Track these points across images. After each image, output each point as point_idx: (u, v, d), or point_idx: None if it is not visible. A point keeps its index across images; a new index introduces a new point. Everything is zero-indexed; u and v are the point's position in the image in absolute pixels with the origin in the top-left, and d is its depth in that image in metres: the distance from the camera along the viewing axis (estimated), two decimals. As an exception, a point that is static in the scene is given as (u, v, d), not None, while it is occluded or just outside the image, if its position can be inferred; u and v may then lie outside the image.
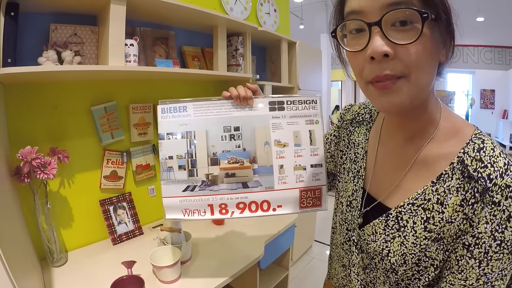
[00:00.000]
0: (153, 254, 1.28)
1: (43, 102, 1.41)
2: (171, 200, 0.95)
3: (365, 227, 0.70)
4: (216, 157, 0.96)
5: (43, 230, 1.33)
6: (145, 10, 1.53)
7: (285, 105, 0.96)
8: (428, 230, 0.59)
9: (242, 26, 1.98)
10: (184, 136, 0.95)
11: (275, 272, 2.03)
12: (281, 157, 0.95)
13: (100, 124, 1.57)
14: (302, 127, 0.96)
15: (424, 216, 0.59)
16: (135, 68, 1.43)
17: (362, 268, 0.73)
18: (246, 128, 0.95)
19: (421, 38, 0.50)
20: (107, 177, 1.63)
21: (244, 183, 0.95)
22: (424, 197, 0.60)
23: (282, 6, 2.83)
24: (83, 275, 1.32)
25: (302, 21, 8.11)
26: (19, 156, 1.19)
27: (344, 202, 0.79)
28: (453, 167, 0.57)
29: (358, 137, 0.81)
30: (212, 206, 0.95)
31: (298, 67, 2.68)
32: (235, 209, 0.95)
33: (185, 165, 0.95)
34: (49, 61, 1.29)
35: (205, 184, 0.95)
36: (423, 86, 0.55)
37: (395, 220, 0.64)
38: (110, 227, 1.60)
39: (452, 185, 0.57)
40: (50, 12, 1.38)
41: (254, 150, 0.95)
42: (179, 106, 0.96)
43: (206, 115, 0.96)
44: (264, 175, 0.95)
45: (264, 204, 0.95)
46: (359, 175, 0.76)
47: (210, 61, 2.04)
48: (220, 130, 0.95)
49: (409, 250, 0.61)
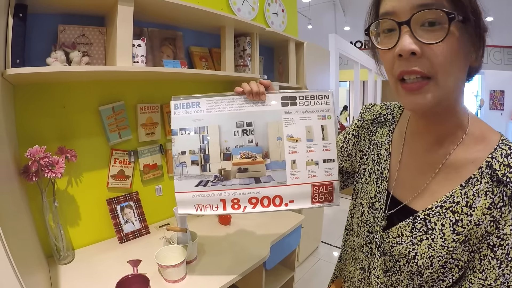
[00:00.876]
0: (159, 253, 1.29)
1: (52, 101, 1.42)
2: (184, 195, 0.96)
3: (390, 229, 0.70)
4: (229, 152, 0.96)
5: (50, 228, 1.35)
6: (152, 11, 1.53)
7: (298, 100, 0.97)
8: (456, 232, 0.59)
9: (249, 26, 1.97)
10: (197, 131, 0.96)
11: (280, 273, 2.02)
12: (293, 152, 0.95)
13: (108, 124, 1.58)
14: (314, 122, 0.96)
15: (453, 218, 0.60)
16: (143, 69, 1.44)
17: (383, 271, 0.73)
18: (259, 123, 0.96)
19: (448, 39, 0.52)
20: (114, 176, 1.65)
21: (256, 178, 0.95)
22: (453, 200, 0.61)
23: (290, 6, 2.82)
24: (89, 273, 1.33)
25: (310, 21, 8.10)
26: (27, 155, 1.21)
27: (365, 204, 0.79)
28: (482, 171, 0.58)
29: (381, 138, 0.81)
30: (224, 201, 0.95)
31: (306, 67, 2.66)
32: (248, 204, 0.95)
33: (198, 160, 0.96)
34: (57, 61, 1.30)
35: (217, 179, 0.96)
36: (450, 88, 0.57)
37: (423, 223, 0.64)
38: (117, 226, 1.61)
39: (481, 188, 0.58)
40: (58, 13, 1.39)
41: (266, 145, 0.96)
42: (192, 101, 0.98)
43: (219, 111, 0.97)
44: (277, 170, 0.95)
45: (276, 199, 0.95)
46: (383, 177, 0.76)
47: (217, 61, 2.04)
48: (233, 126, 0.96)
49: (436, 252, 0.61)
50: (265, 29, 2.10)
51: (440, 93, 0.56)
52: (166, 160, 1.90)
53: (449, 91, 0.57)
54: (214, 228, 1.78)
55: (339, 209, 4.65)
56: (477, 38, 0.55)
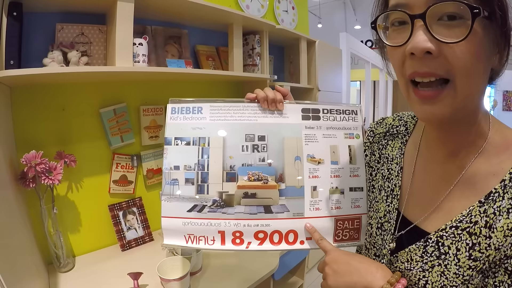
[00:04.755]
0: (161, 265, 1.23)
1: (50, 104, 1.39)
2: (172, 222, 0.76)
3: (399, 253, 0.62)
4: (233, 172, 0.77)
5: (49, 235, 1.32)
6: (156, 7, 1.48)
7: (321, 114, 0.81)
8: (473, 258, 0.51)
9: (259, 24, 1.91)
10: (196, 142, 0.77)
11: (289, 281, 1.96)
12: (314, 176, 0.77)
13: (109, 127, 1.53)
14: (340, 141, 0.80)
15: (469, 241, 0.52)
16: (144, 69, 1.38)
17: None
18: (273, 138, 0.78)
19: (470, 37, 0.44)
20: (116, 182, 1.60)
21: (266, 206, 0.76)
22: (470, 219, 0.52)
23: (301, 3, 2.76)
24: (89, 282, 1.29)
25: (320, 20, 8.03)
26: (23, 161, 1.17)
27: (374, 224, 0.71)
28: (505, 185, 0.50)
29: (392, 151, 0.73)
30: (223, 233, 0.75)
31: (317, 67, 2.59)
32: (253, 240, 0.75)
33: (194, 178, 0.76)
34: (55, 62, 1.26)
35: (217, 204, 0.76)
36: (470, 94, 0.49)
37: (435, 246, 0.56)
38: (119, 232, 1.57)
39: (503, 205, 0.49)
40: (56, 11, 1.35)
41: (282, 166, 0.77)
42: (193, 106, 0.80)
43: (225, 119, 0.79)
44: (293, 198, 0.76)
45: (290, 235, 0.75)
46: (394, 194, 0.68)
47: (225, 60, 1.98)
48: (241, 139, 0.78)
49: (450, 282, 0.53)
50: (276, 26, 2.03)
51: (459, 100, 0.48)
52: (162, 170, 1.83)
53: (468, 98, 0.50)
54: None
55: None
56: (503, 37, 0.47)
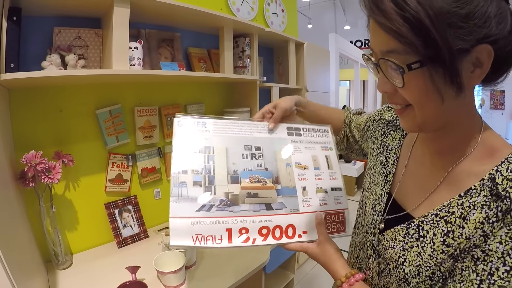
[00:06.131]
0: (158, 259, 1.28)
1: (48, 105, 1.41)
2: (181, 222, 0.76)
3: (386, 232, 0.70)
4: (237, 175, 0.85)
5: (48, 233, 1.34)
6: (149, 12, 1.52)
7: (302, 131, 0.98)
8: (446, 244, 0.57)
9: (249, 27, 1.96)
10: (202, 150, 0.85)
11: (281, 275, 2.01)
12: (303, 179, 0.90)
13: (105, 128, 1.56)
14: (318, 152, 0.96)
15: (445, 229, 0.58)
16: (139, 72, 1.41)
17: (377, 273, 0.72)
18: (267, 148, 0.91)
19: (410, 83, 0.53)
20: (112, 181, 1.63)
21: (267, 204, 0.84)
22: (448, 210, 0.59)
23: (290, 6, 2.81)
24: (87, 278, 1.33)
25: (310, 20, 8.10)
26: (23, 160, 1.20)
27: (368, 204, 0.80)
28: (483, 184, 0.55)
29: (392, 141, 0.82)
30: (230, 231, 0.79)
31: (306, 68, 2.65)
32: (257, 236, 0.80)
33: (202, 181, 0.82)
34: (53, 65, 1.29)
35: (224, 203, 0.81)
36: (428, 116, 0.57)
37: (416, 229, 0.63)
38: (115, 230, 1.60)
39: (478, 201, 0.55)
40: (54, 15, 1.38)
41: (276, 170, 0.89)
42: (198, 121, 0.89)
43: (226, 133, 0.90)
44: (288, 197, 0.86)
45: (289, 229, 0.83)
46: (387, 180, 0.77)
47: (216, 62, 2.03)
48: (241, 148, 0.89)
49: (424, 262, 0.60)
50: (265, 29, 2.08)
51: (419, 119, 0.57)
52: (165, 163, 1.88)
53: (428, 118, 0.57)
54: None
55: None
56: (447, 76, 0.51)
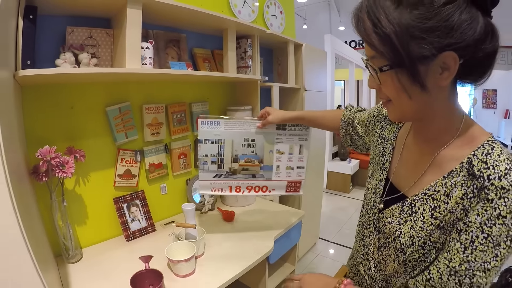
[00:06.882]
0: (169, 249, 1.33)
1: (60, 102, 1.43)
2: (205, 182, 1.46)
3: (384, 210, 0.82)
4: (237, 157, 1.44)
5: (59, 227, 1.37)
6: (158, 13, 1.57)
7: (287, 126, 1.44)
8: (434, 217, 0.69)
9: (250, 29, 2.01)
10: (216, 142, 1.41)
11: (282, 267, 2.07)
12: (278, 160, 1.47)
13: (115, 124, 1.60)
14: (296, 142, 1.46)
15: (432, 204, 0.70)
16: (152, 71, 1.47)
17: (377, 247, 0.85)
18: (259, 140, 1.43)
19: (386, 81, 0.66)
20: (121, 176, 1.68)
21: (253, 174, 1.47)
22: (435, 189, 0.70)
23: (288, 8, 2.87)
24: (100, 270, 1.36)
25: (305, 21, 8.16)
26: (38, 155, 1.21)
27: (371, 188, 0.92)
28: (462, 166, 0.66)
29: (388, 134, 0.93)
30: (230, 187, 1.48)
31: (304, 68, 2.72)
32: (245, 190, 1.49)
33: (216, 160, 1.42)
34: (67, 63, 1.31)
35: (228, 173, 1.46)
36: (404, 110, 0.70)
37: (409, 206, 0.75)
38: (124, 224, 1.64)
39: (458, 180, 0.66)
40: (66, 14, 1.41)
41: (262, 154, 1.45)
42: (214, 121, 1.39)
43: (233, 130, 1.40)
44: (266, 171, 1.47)
45: (264, 187, 1.50)
46: (384, 167, 0.89)
47: (220, 62, 2.09)
48: (241, 140, 1.42)
49: (417, 233, 0.72)
50: (266, 31, 2.14)
51: (398, 113, 0.72)
52: (171, 159, 1.93)
53: (405, 112, 0.70)
54: (218, 225, 1.83)
55: (335, 207, 4.73)
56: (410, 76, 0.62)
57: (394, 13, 0.59)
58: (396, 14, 0.59)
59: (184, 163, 2.00)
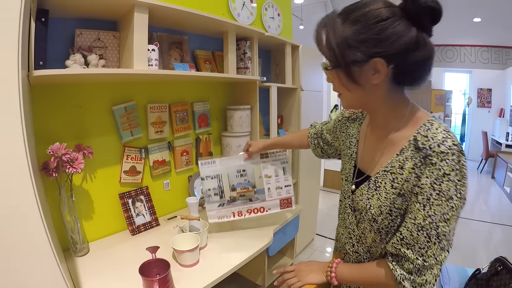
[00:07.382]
0: (174, 240, 1.39)
1: (68, 102, 1.49)
2: (211, 212, 1.64)
3: (356, 191, 0.97)
4: (234, 187, 1.65)
5: (67, 221, 1.41)
6: (162, 17, 1.63)
7: (269, 154, 1.67)
8: (394, 187, 0.84)
9: (249, 31, 2.08)
10: (215, 177, 1.63)
11: (280, 261, 2.14)
12: (268, 183, 1.67)
13: (121, 123, 1.67)
14: (279, 165, 1.68)
15: (391, 177, 0.85)
16: (158, 72, 1.53)
17: (356, 224, 0.99)
18: (249, 169, 1.66)
19: (332, 77, 0.87)
20: (126, 172, 1.74)
21: (250, 199, 1.67)
22: (391, 165, 0.86)
23: (285, 10, 2.94)
24: (107, 263, 1.41)
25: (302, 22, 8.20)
26: (49, 151, 1.26)
27: (343, 177, 1.09)
28: (410, 143, 0.82)
29: (352, 130, 1.11)
30: (233, 213, 1.66)
31: (301, 69, 2.78)
32: (246, 213, 1.68)
33: (218, 192, 1.64)
34: (76, 64, 1.36)
35: (229, 201, 1.65)
36: (349, 100, 0.90)
37: (374, 183, 0.90)
38: (129, 218, 1.70)
39: (408, 155, 0.81)
40: (75, 17, 1.46)
41: (254, 181, 1.66)
42: (211, 161, 1.63)
43: (227, 165, 1.64)
44: (260, 194, 1.67)
45: (261, 208, 1.68)
46: (352, 157, 1.05)
47: (220, 63, 2.16)
48: (235, 172, 1.65)
49: (382, 202, 0.86)
50: (264, 34, 2.21)
51: (345, 101, 0.91)
52: (174, 156, 2.00)
53: (353, 103, 0.91)
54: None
55: (332, 205, 4.80)
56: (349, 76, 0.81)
57: (340, 27, 0.77)
58: (341, 28, 0.77)
59: (186, 160, 2.07)
